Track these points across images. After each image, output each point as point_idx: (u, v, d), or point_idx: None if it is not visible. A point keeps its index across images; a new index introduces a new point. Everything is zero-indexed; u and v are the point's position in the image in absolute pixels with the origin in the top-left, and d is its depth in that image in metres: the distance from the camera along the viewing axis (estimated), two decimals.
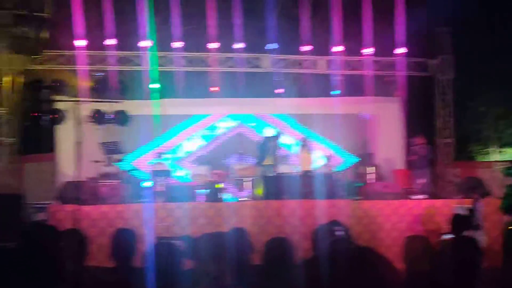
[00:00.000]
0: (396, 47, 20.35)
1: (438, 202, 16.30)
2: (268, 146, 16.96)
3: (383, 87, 21.20)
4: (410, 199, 16.72)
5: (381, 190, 16.78)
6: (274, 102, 21.47)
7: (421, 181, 17.93)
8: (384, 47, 20.90)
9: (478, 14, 22.72)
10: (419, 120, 21.88)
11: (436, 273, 5.49)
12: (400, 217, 15.74)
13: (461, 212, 14.80)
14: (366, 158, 20.02)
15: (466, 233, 8.56)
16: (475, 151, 25.38)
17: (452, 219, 7.95)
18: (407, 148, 19.56)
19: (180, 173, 20.28)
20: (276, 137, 17.29)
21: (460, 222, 7.97)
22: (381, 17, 21.52)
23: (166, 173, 17.84)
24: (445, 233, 14.35)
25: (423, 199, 16.63)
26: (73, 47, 18.97)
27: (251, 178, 17.56)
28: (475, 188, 15.61)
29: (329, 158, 19.52)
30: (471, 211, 14.71)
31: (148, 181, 17.96)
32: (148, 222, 14.71)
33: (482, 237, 14.26)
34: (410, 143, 18.53)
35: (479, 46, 22.63)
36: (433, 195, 17.52)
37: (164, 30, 22.23)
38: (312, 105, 21.49)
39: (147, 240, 13.87)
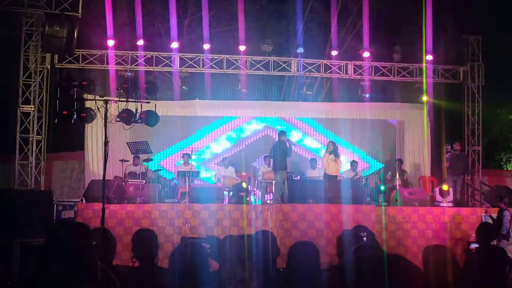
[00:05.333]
0: (426, 54, 20.26)
1: (465, 210, 16.18)
2: (283, 149, 16.72)
3: (412, 93, 21.10)
4: (437, 206, 16.58)
5: (408, 197, 16.67)
6: (301, 106, 21.42)
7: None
8: (415, 54, 20.84)
9: (508, 21, 22.60)
10: (447, 127, 21.76)
11: (460, 283, 5.44)
12: (427, 224, 15.62)
13: (489, 220, 14.70)
14: (393, 164, 19.93)
15: (493, 242, 8.49)
16: (504, 160, 25.16)
17: (479, 228, 7.86)
18: (440, 154, 19.32)
19: (206, 174, 20.34)
20: (284, 138, 16.91)
21: (487, 231, 7.87)
22: (412, 24, 21.51)
23: (192, 174, 17.88)
24: (472, 242, 14.29)
25: (450, 206, 16.49)
26: (103, 47, 19.15)
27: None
28: (502, 196, 15.45)
29: (355, 163, 19.45)
30: (499, 220, 14.59)
31: (174, 181, 18.03)
32: (174, 222, 14.78)
33: (509, 247, 14.16)
34: (446, 149, 18.24)
35: (509, 54, 22.47)
36: (460, 203, 17.38)
37: (194, 32, 22.40)
38: (339, 110, 21.44)
39: (173, 240, 13.98)
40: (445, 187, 17.16)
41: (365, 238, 6.25)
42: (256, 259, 4.97)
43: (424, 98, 20.69)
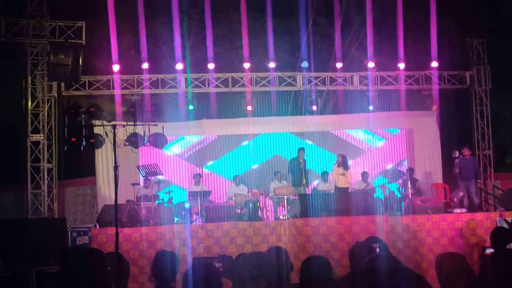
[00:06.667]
0: (431, 61, 20.26)
1: (480, 215, 16.08)
2: (294, 165, 16.98)
3: (419, 101, 21.09)
4: (451, 213, 16.52)
5: (421, 205, 16.62)
6: (309, 120, 21.41)
7: (459, 194, 17.72)
8: (420, 61, 20.84)
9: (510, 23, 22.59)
10: (456, 133, 21.70)
11: None
12: (442, 231, 15.56)
13: (503, 224, 14.63)
14: (405, 173, 19.88)
15: (509, 246, 8.44)
16: None
17: (494, 232, 7.81)
18: (452, 160, 19.11)
19: (217, 193, 20.37)
20: (299, 156, 17.24)
21: (502, 235, 7.83)
22: (415, 32, 21.52)
23: (204, 194, 17.90)
24: (487, 247, 14.21)
25: (463, 212, 16.42)
26: (109, 72, 19.25)
27: (288, 197, 17.45)
28: None
29: (366, 174, 19.41)
30: None
31: (187, 202, 18.04)
32: (187, 242, 14.78)
33: None
34: (454, 154, 18.04)
35: None
36: (474, 208, 17.28)
37: (198, 52, 22.48)
38: (347, 122, 21.41)
39: (187, 261, 13.97)
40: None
41: (377, 249, 6.23)
42: (269, 276, 4.97)
43: (434, 106, 20.74)
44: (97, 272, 4.78)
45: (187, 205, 17.02)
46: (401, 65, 20.40)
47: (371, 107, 20.67)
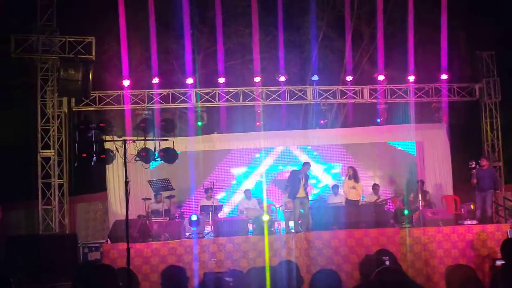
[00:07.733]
0: (441, 73, 20.25)
1: (490, 227, 16.05)
2: (297, 178, 16.85)
3: (429, 114, 21.05)
4: (461, 224, 16.48)
5: (432, 217, 16.60)
6: (319, 133, 21.38)
7: (469, 206, 17.68)
8: (430, 74, 20.83)
9: None
10: (466, 145, 21.65)
11: None
12: (452, 243, 15.55)
13: None
14: (415, 185, 19.82)
15: None
16: None
17: (503, 244, 7.78)
18: (462, 173, 18.98)
19: (229, 207, 20.37)
20: (304, 168, 17.16)
21: None
22: (425, 44, 21.53)
23: (215, 208, 17.92)
24: (498, 259, 14.16)
25: (474, 224, 16.37)
26: (119, 87, 19.30)
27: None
28: None
29: (377, 186, 19.38)
30: None
31: (198, 216, 18.05)
32: (199, 257, 14.79)
33: None
34: (471, 165, 17.89)
35: None
36: (486, 220, 17.21)
37: (208, 66, 22.56)
38: (358, 135, 21.36)
39: (199, 275, 13.99)
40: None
41: (387, 262, 6.23)
42: None
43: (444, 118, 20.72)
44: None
45: (193, 218, 16.96)
46: (411, 78, 20.40)
47: (378, 120, 20.65)
